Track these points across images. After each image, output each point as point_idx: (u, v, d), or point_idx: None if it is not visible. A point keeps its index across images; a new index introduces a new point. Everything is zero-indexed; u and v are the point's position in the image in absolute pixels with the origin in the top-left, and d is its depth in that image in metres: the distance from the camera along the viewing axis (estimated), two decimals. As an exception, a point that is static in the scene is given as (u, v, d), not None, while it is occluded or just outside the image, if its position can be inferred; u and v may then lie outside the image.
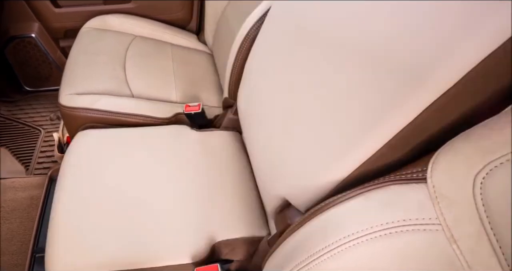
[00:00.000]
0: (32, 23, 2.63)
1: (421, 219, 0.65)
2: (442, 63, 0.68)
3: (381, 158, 0.85)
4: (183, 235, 1.37)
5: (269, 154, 1.30)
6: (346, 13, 0.95)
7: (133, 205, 1.43)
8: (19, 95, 2.97)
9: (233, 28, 1.78)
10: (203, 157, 1.64)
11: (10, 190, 2.18)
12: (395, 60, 0.77)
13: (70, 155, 1.61)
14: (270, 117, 1.28)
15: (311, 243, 0.83)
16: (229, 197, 1.51)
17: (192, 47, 2.51)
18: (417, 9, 0.74)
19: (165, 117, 1.89)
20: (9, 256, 1.92)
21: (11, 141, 2.64)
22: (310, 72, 1.07)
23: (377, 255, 0.69)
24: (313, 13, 1.09)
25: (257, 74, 1.42)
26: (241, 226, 1.43)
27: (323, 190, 0.99)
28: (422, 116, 0.74)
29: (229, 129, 1.83)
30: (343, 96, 0.92)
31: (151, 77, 2.10)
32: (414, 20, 0.75)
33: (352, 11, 0.93)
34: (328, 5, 1.02)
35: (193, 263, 1.32)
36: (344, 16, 0.95)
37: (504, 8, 0.59)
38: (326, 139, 0.97)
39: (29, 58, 2.79)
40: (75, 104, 1.87)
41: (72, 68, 2.09)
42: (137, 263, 1.30)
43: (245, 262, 1.40)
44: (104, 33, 2.38)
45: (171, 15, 2.63)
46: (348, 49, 0.92)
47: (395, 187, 0.74)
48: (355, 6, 0.92)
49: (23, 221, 2.05)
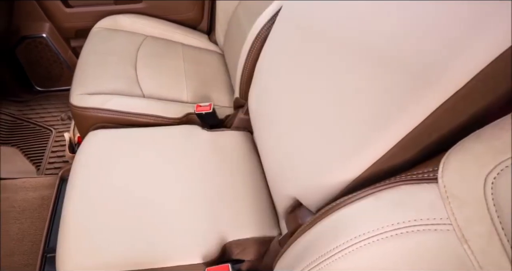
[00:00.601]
0: (43, 23, 2.64)
1: (432, 219, 0.65)
2: (452, 63, 0.68)
3: (392, 158, 0.85)
4: (194, 235, 1.37)
5: (280, 154, 1.30)
6: (356, 13, 0.95)
7: (144, 205, 1.43)
8: (30, 95, 2.98)
9: (244, 28, 1.78)
10: (214, 157, 1.65)
11: (21, 190, 2.19)
12: (405, 60, 0.77)
13: (81, 155, 1.62)
14: (281, 117, 1.28)
15: (322, 243, 0.83)
16: (240, 197, 1.51)
17: (203, 47, 2.52)
18: (427, 9, 0.74)
19: (176, 117, 1.89)
20: (20, 256, 1.92)
21: (22, 141, 2.64)
22: (320, 72, 1.07)
23: (388, 255, 0.69)
24: (323, 13, 1.09)
25: (268, 74, 1.42)
26: (252, 226, 1.43)
27: (334, 190, 0.98)
28: (433, 116, 0.74)
29: (240, 129, 1.83)
30: (353, 96, 0.92)
31: (162, 77, 2.10)
32: (423, 20, 0.75)
33: (362, 11, 0.93)
34: (339, 5, 1.02)
35: (204, 263, 1.32)
36: (354, 16, 0.95)
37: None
38: (336, 139, 0.97)
39: (40, 58, 2.80)
40: (86, 104, 1.87)
41: (83, 68, 2.09)
42: (148, 263, 1.30)
43: (256, 262, 1.40)
44: (115, 33, 2.38)
45: (182, 15, 2.63)
46: (357, 49, 0.92)
47: (406, 187, 0.73)
48: (365, 6, 0.92)
49: (34, 221, 2.06)
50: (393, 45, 0.81)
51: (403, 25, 0.80)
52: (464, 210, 0.61)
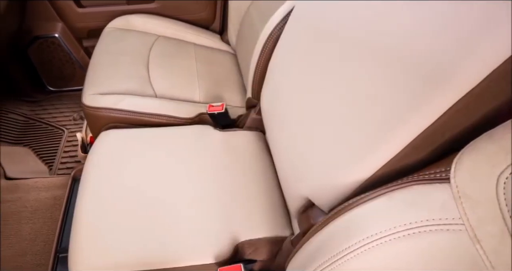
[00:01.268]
0: (56, 23, 2.64)
1: (444, 219, 0.64)
2: (464, 63, 0.68)
3: (404, 158, 0.85)
4: (206, 235, 1.37)
5: (292, 154, 1.30)
6: (368, 13, 0.95)
7: (156, 205, 1.43)
8: (43, 95, 2.99)
9: (257, 28, 1.78)
10: (226, 157, 1.65)
11: (34, 190, 2.19)
12: (418, 60, 0.77)
13: (94, 155, 1.62)
14: (293, 117, 1.28)
15: (334, 243, 0.83)
16: (252, 197, 1.51)
17: (215, 47, 2.52)
18: (438, 9, 0.75)
19: (188, 117, 1.89)
20: (32, 256, 1.92)
21: (34, 141, 2.65)
22: (332, 72, 1.07)
23: (400, 255, 0.69)
24: (335, 13, 1.09)
25: (280, 74, 1.42)
26: (265, 226, 1.43)
27: (347, 190, 0.99)
28: (445, 116, 0.74)
29: (252, 129, 1.83)
30: (365, 96, 0.92)
31: (174, 77, 2.11)
32: (435, 19, 0.75)
33: (374, 11, 0.93)
34: (351, 5, 1.02)
35: (216, 263, 1.32)
36: (366, 16, 0.96)
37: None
38: (348, 139, 0.97)
39: (52, 58, 2.81)
40: (98, 104, 1.88)
41: (95, 68, 2.10)
42: (160, 263, 1.30)
43: (268, 262, 1.40)
44: (128, 33, 2.39)
45: (194, 15, 2.64)
46: (369, 49, 0.92)
47: (418, 187, 0.73)
48: (376, 6, 0.92)
49: (46, 221, 2.06)
50: (405, 45, 0.81)
51: (415, 25, 0.80)
52: (476, 210, 0.61)
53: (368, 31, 0.94)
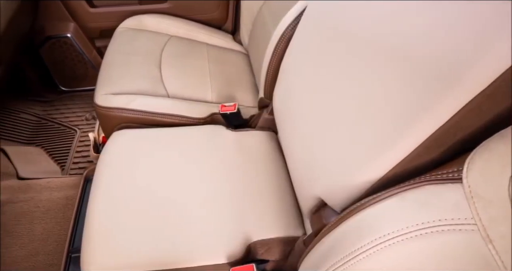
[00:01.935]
0: (68, 23, 2.65)
1: (457, 219, 0.64)
2: (476, 63, 0.68)
3: (416, 158, 0.85)
4: (218, 235, 1.37)
5: (305, 154, 1.30)
6: (380, 13, 0.95)
7: (169, 205, 1.44)
8: (55, 95, 3.00)
9: (269, 28, 1.79)
10: (239, 157, 1.65)
11: (46, 190, 2.19)
12: (429, 60, 0.77)
13: (106, 155, 1.63)
14: (305, 117, 1.28)
15: (346, 243, 0.83)
16: (264, 196, 1.51)
17: (227, 47, 2.52)
18: (450, 9, 0.75)
19: (201, 117, 1.90)
20: (45, 256, 1.93)
21: (47, 141, 2.66)
22: (344, 72, 1.07)
23: (413, 255, 0.69)
24: (348, 13, 1.09)
25: (292, 74, 1.42)
26: (277, 226, 1.43)
27: (359, 190, 0.99)
28: (458, 116, 0.74)
29: (264, 129, 1.83)
30: (377, 95, 0.92)
31: (186, 77, 2.11)
32: (447, 19, 0.75)
33: (386, 11, 0.93)
34: (363, 5, 1.03)
35: (228, 263, 1.32)
36: (378, 16, 0.96)
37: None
38: (361, 139, 0.98)
39: (64, 58, 2.82)
40: (110, 104, 1.89)
41: (107, 68, 2.11)
42: (172, 263, 1.30)
43: (281, 262, 1.41)
44: (140, 33, 2.40)
45: (206, 15, 2.64)
46: (382, 49, 0.92)
47: (430, 187, 0.73)
48: (388, 5, 0.93)
49: (58, 221, 2.06)
50: (417, 45, 0.81)
51: (427, 25, 0.80)
52: (488, 210, 0.61)
53: (380, 31, 0.94)
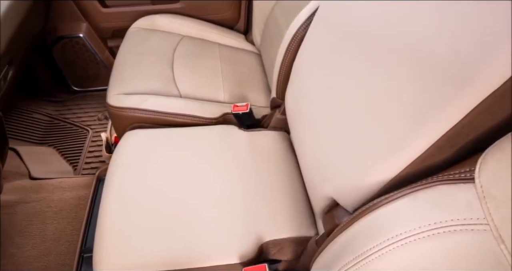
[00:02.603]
0: (80, 23, 2.66)
1: (469, 219, 0.64)
2: (488, 63, 0.68)
3: (428, 158, 0.85)
4: (231, 235, 1.37)
5: (317, 154, 1.30)
6: (392, 13, 0.95)
7: (181, 205, 1.44)
8: (67, 95, 3.02)
9: (281, 28, 1.79)
10: (251, 157, 1.65)
11: (58, 190, 2.20)
12: (441, 60, 0.77)
13: (118, 155, 1.63)
14: (317, 117, 1.28)
15: (359, 243, 0.83)
16: (277, 196, 1.51)
17: (240, 47, 2.52)
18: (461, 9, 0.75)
19: (213, 117, 1.90)
20: (57, 256, 1.93)
21: (59, 141, 2.68)
22: (356, 72, 1.07)
23: (425, 255, 0.69)
24: (360, 14, 1.10)
25: (305, 74, 1.42)
26: (289, 226, 1.43)
27: (371, 190, 0.99)
28: (469, 117, 0.74)
29: (277, 129, 1.83)
30: (389, 96, 0.93)
31: (199, 77, 2.11)
32: (458, 19, 0.75)
33: (398, 11, 0.93)
34: (375, 5, 1.03)
35: (241, 263, 1.32)
36: (390, 17, 0.96)
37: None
38: (373, 139, 0.98)
39: (77, 58, 2.83)
40: (123, 104, 1.89)
41: (120, 68, 2.12)
42: (185, 263, 1.31)
43: (293, 262, 1.41)
44: (152, 33, 2.41)
45: (219, 15, 2.65)
46: (393, 49, 0.93)
47: (443, 187, 0.74)
48: (401, 6, 0.93)
49: (70, 221, 2.07)
50: (428, 45, 0.81)
51: (439, 25, 0.80)
52: (501, 210, 0.61)
53: (392, 31, 0.94)
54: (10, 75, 2.03)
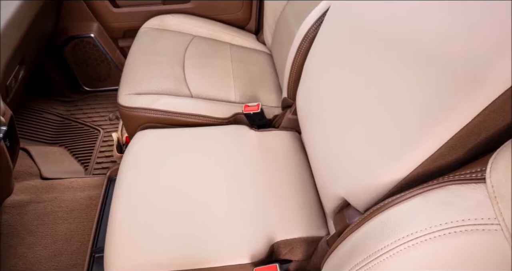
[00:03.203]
0: (91, 23, 2.67)
1: (480, 219, 0.65)
2: (500, 63, 0.68)
3: (439, 158, 0.85)
4: (242, 235, 1.37)
5: (328, 154, 1.30)
6: (403, 12, 0.95)
7: (192, 205, 1.44)
8: (78, 95, 3.03)
9: (292, 28, 1.80)
10: (262, 157, 1.65)
11: (69, 190, 2.21)
12: (453, 60, 0.78)
13: (129, 155, 1.63)
14: (328, 117, 1.28)
15: (370, 243, 0.83)
16: (288, 197, 1.51)
17: (251, 47, 2.52)
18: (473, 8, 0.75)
19: (224, 117, 1.90)
20: (68, 256, 1.94)
21: (70, 141, 2.68)
22: (367, 72, 1.07)
23: (436, 255, 0.69)
24: (371, 13, 1.10)
25: (316, 74, 1.42)
26: (300, 226, 1.43)
27: (382, 190, 0.99)
28: (481, 116, 0.74)
29: (288, 129, 1.83)
30: (401, 95, 0.93)
31: (210, 77, 2.11)
32: (470, 19, 0.75)
33: (410, 11, 0.93)
34: (386, 5, 1.03)
35: (252, 263, 1.32)
36: (402, 16, 0.96)
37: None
38: (384, 139, 0.98)
39: (87, 58, 2.84)
40: (134, 104, 1.89)
41: (131, 68, 2.12)
42: (195, 263, 1.31)
43: (304, 262, 1.41)
44: (163, 33, 2.41)
45: (230, 15, 2.65)
46: (405, 48, 0.93)
47: (454, 187, 0.74)
48: (411, 5, 0.93)
49: (82, 221, 2.07)
50: (441, 45, 0.82)
51: (451, 24, 0.80)
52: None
53: (404, 30, 0.94)
54: (21, 75, 2.03)
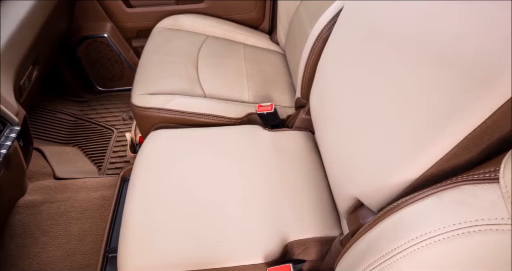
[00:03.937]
0: (105, 23, 2.69)
1: (493, 219, 0.65)
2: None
3: (453, 158, 0.86)
4: (256, 235, 1.38)
5: (341, 154, 1.30)
6: (418, 13, 0.95)
7: (206, 205, 1.44)
8: (92, 95, 3.04)
9: (306, 28, 1.80)
10: (276, 157, 1.65)
11: (83, 190, 2.21)
12: (467, 60, 0.78)
13: (143, 155, 1.64)
14: (342, 117, 1.28)
15: (383, 243, 0.83)
16: (301, 196, 1.51)
17: (264, 47, 2.52)
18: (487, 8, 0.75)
19: (238, 117, 1.90)
20: (81, 256, 1.94)
21: (83, 141, 2.70)
22: (381, 72, 1.07)
23: (450, 255, 0.69)
24: (385, 13, 1.10)
25: (329, 74, 1.42)
26: (314, 226, 1.43)
27: (396, 190, 0.99)
28: (495, 116, 0.74)
29: (301, 129, 1.83)
30: (414, 95, 0.93)
31: (223, 77, 2.11)
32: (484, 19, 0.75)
33: (423, 11, 0.93)
34: (400, 5, 1.03)
35: (265, 263, 1.32)
36: (415, 16, 0.96)
37: None
38: (398, 139, 0.98)
39: (101, 58, 2.86)
40: (147, 104, 1.90)
41: (144, 68, 2.12)
42: (209, 263, 1.31)
43: (318, 262, 1.41)
44: (177, 33, 2.42)
45: (243, 15, 2.65)
46: (419, 48, 0.93)
47: (467, 187, 0.74)
48: (426, 6, 0.93)
49: (95, 221, 2.08)
50: (454, 45, 0.82)
51: (463, 24, 0.80)
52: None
53: (418, 30, 0.94)
54: (35, 75, 2.04)
